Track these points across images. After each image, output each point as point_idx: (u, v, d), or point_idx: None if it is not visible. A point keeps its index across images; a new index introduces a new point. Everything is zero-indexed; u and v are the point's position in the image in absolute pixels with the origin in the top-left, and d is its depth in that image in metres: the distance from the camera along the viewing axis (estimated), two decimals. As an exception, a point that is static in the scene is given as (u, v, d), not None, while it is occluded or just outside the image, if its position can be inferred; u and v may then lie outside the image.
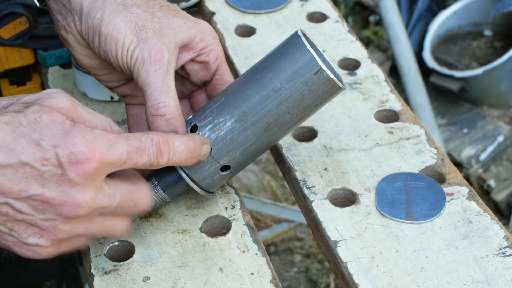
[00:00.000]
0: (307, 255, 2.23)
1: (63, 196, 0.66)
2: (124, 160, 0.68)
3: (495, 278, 0.72)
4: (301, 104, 0.73)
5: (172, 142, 0.71)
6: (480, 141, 2.50)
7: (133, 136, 0.69)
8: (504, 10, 2.71)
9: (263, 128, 0.74)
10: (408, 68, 2.51)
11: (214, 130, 0.75)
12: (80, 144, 0.65)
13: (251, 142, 0.75)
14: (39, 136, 0.65)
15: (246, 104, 0.74)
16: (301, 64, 0.72)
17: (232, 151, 0.75)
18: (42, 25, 1.00)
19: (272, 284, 0.73)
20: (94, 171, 0.66)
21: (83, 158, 0.65)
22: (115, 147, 0.67)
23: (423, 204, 0.79)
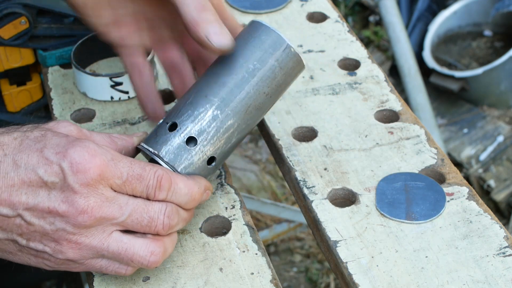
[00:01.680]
0: (307, 255, 2.23)
1: (67, 204, 0.66)
2: (123, 180, 0.68)
3: (495, 278, 0.72)
4: (274, 82, 0.76)
5: (176, 181, 0.71)
6: (480, 141, 2.50)
7: (137, 162, 0.69)
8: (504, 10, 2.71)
9: (243, 112, 0.75)
10: (408, 68, 2.51)
11: (196, 122, 0.74)
12: (82, 153, 0.66)
13: (234, 128, 0.75)
14: (43, 145, 0.67)
15: (223, 90, 0.75)
16: (269, 43, 0.76)
17: (217, 140, 0.75)
18: (42, 25, 1.00)
19: (272, 284, 0.73)
20: (96, 180, 0.66)
21: (85, 167, 0.66)
22: (117, 164, 0.68)
23: (423, 204, 0.79)
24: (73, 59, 0.97)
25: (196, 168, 0.74)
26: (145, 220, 0.69)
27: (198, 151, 0.74)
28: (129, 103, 0.96)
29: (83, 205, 0.66)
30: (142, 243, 0.70)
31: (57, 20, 1.01)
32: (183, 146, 0.74)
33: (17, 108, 1.08)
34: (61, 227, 0.67)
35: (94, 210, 0.66)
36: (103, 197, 0.67)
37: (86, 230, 0.67)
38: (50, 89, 0.99)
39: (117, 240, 0.69)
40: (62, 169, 0.66)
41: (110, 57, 1.03)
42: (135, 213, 0.69)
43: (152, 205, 0.70)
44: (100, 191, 0.67)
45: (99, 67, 1.02)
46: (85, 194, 0.66)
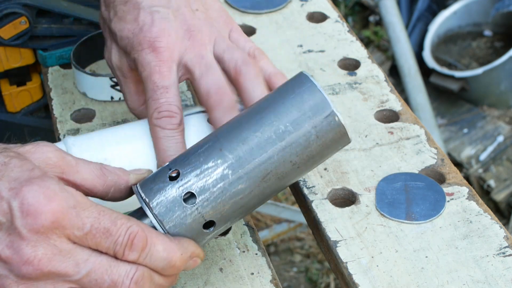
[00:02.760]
0: (307, 255, 2.23)
1: (11, 250, 0.57)
2: (84, 232, 0.58)
3: (495, 278, 0.72)
4: (306, 152, 0.65)
5: (153, 242, 0.61)
6: (480, 141, 2.50)
7: (108, 214, 0.60)
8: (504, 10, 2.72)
9: (260, 178, 0.64)
10: (408, 68, 2.52)
11: (201, 177, 0.63)
12: (38, 194, 0.57)
13: (244, 194, 0.64)
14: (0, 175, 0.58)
15: (242, 147, 0.64)
16: (310, 105, 0.64)
17: (221, 203, 0.64)
18: (42, 25, 1.00)
19: (272, 284, 0.73)
20: (48, 228, 0.57)
21: (36, 210, 0.57)
22: (80, 213, 0.58)
23: (423, 204, 0.79)
24: (73, 59, 0.97)
25: (188, 230, 0.64)
26: (106, 283, 0.59)
27: (195, 211, 0.63)
28: (129, 103, 0.96)
29: (29, 254, 0.57)
30: None
31: (57, 20, 1.01)
32: (178, 202, 0.63)
33: (17, 108, 1.08)
34: (3, 274, 0.58)
35: (42, 263, 0.57)
36: (56, 249, 0.58)
37: (31, 283, 0.58)
38: (50, 89, 0.99)
39: None
40: (11, 209, 0.57)
41: (110, 57, 1.03)
42: (94, 273, 0.59)
43: (118, 266, 0.60)
44: (52, 242, 0.57)
45: (99, 67, 1.02)
46: (34, 242, 0.57)
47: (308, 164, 0.66)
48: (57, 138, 0.91)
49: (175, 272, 0.63)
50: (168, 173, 0.64)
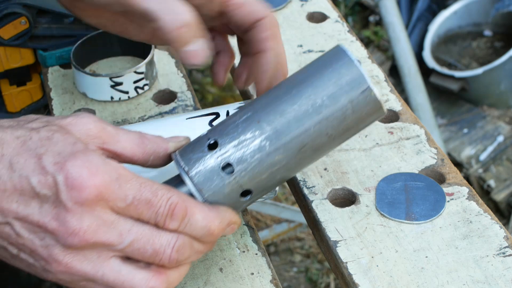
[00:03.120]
0: (307, 255, 2.23)
1: (58, 222, 0.59)
2: (127, 204, 0.60)
3: (495, 278, 0.72)
4: (342, 125, 0.66)
5: (193, 212, 0.62)
6: (480, 141, 2.50)
7: (149, 185, 0.61)
8: (504, 10, 2.72)
9: (296, 150, 0.66)
10: (408, 68, 2.51)
11: (239, 148, 0.65)
12: (81, 169, 0.59)
13: (281, 164, 0.66)
14: (44, 151, 0.60)
15: (280, 120, 0.65)
16: (347, 80, 0.65)
17: (258, 173, 0.65)
18: (42, 25, 1.00)
19: (272, 284, 0.73)
20: (93, 201, 0.59)
21: (81, 184, 0.59)
22: (122, 185, 0.60)
23: (423, 204, 0.79)
24: (73, 59, 0.97)
25: (226, 199, 0.66)
26: (149, 252, 0.62)
27: (233, 181, 0.65)
28: (129, 103, 0.96)
29: (75, 226, 0.59)
30: (143, 278, 0.62)
31: (57, 20, 1.01)
32: (217, 172, 0.65)
33: (17, 108, 1.08)
34: (51, 245, 0.60)
35: (87, 234, 0.59)
36: (100, 220, 0.60)
37: (77, 252, 0.60)
38: (50, 89, 0.99)
39: (115, 270, 0.62)
40: (56, 183, 0.59)
41: (110, 57, 1.03)
42: (137, 242, 0.61)
43: (160, 236, 0.62)
44: (96, 213, 0.60)
45: (99, 67, 1.02)
46: (79, 214, 0.59)
47: (344, 136, 0.67)
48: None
49: (214, 239, 0.65)
50: (207, 143, 0.66)
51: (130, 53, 1.03)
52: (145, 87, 0.97)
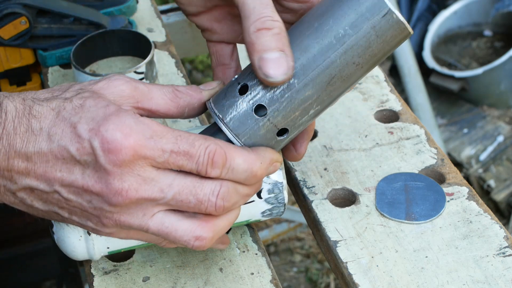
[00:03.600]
0: (307, 255, 2.23)
1: (101, 184, 0.62)
2: (165, 158, 0.62)
3: (495, 278, 0.72)
4: (367, 52, 0.65)
5: (232, 156, 0.63)
6: (480, 141, 2.50)
7: (185, 137, 0.62)
8: (504, 10, 2.72)
9: (325, 83, 0.65)
10: (408, 68, 2.51)
11: (268, 89, 0.65)
12: (115, 131, 0.61)
13: (312, 99, 0.66)
14: (78, 119, 0.62)
15: (305, 56, 0.65)
16: (367, 6, 0.64)
17: (290, 111, 0.66)
18: (42, 25, 1.00)
19: (272, 284, 0.73)
20: (130, 161, 0.61)
21: (116, 147, 0.60)
22: (157, 141, 0.62)
23: (423, 204, 0.79)
24: (73, 59, 0.97)
25: (263, 141, 0.67)
26: (192, 203, 0.63)
27: (267, 122, 0.66)
28: (129, 103, 0.96)
29: (118, 186, 0.61)
30: (187, 228, 0.64)
31: (57, 20, 1.01)
32: (250, 115, 0.66)
33: (17, 108, 1.08)
34: (98, 206, 0.63)
35: (130, 193, 0.62)
36: (140, 178, 0.62)
37: (124, 209, 0.63)
38: (50, 89, 0.99)
39: (159, 223, 0.64)
40: (93, 148, 0.61)
41: (110, 57, 1.03)
42: (179, 195, 0.63)
43: (203, 186, 0.63)
44: (136, 172, 0.61)
45: (99, 67, 1.02)
46: (119, 175, 0.61)
47: (371, 62, 0.67)
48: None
49: (258, 181, 0.66)
50: (238, 88, 0.67)
51: (130, 53, 1.03)
52: (145, 87, 0.97)
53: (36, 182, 0.64)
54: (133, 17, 1.09)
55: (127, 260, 0.76)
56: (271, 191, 0.71)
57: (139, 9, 1.12)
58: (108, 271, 0.75)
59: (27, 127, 0.63)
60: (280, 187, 0.71)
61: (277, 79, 0.64)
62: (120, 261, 0.76)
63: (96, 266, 0.76)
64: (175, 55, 1.03)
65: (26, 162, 0.63)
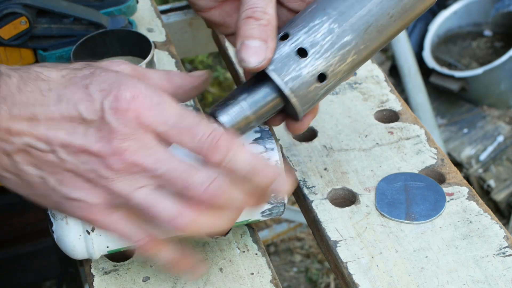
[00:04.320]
0: (307, 255, 2.23)
1: (101, 143, 0.62)
2: (168, 128, 0.61)
3: (495, 278, 0.72)
4: (400, 5, 0.70)
5: (237, 148, 0.62)
6: (480, 141, 2.50)
7: (192, 115, 0.62)
8: (504, 10, 2.72)
9: (363, 30, 0.70)
10: (408, 68, 2.51)
11: (310, 33, 0.69)
12: (126, 92, 0.61)
13: (350, 46, 0.70)
14: (89, 82, 0.63)
15: (344, 4, 0.69)
16: None
17: (330, 55, 0.69)
18: (42, 25, 1.00)
19: (272, 284, 0.73)
20: (136, 123, 0.61)
21: (123, 106, 0.61)
22: (165, 109, 0.62)
23: (423, 204, 0.79)
24: (73, 59, 0.97)
25: (304, 83, 0.69)
26: (180, 185, 0.62)
27: (309, 64, 0.68)
28: (129, 103, 0.96)
29: (117, 146, 0.61)
30: (170, 204, 0.63)
31: (57, 20, 1.01)
32: (292, 56, 0.68)
33: (17, 108, 1.08)
34: (94, 168, 0.62)
35: (127, 154, 0.61)
36: (140, 143, 0.61)
37: (117, 175, 0.62)
38: (50, 89, 0.99)
39: (144, 195, 0.63)
40: (102, 107, 0.61)
41: (110, 57, 1.03)
42: (172, 172, 0.62)
43: (199, 171, 0.62)
44: (138, 136, 0.61)
45: (99, 67, 1.02)
46: (122, 135, 0.61)
47: (403, 17, 0.71)
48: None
49: (258, 184, 0.63)
50: (279, 36, 0.70)
51: (130, 53, 1.03)
52: (145, 87, 0.97)
53: (36, 141, 0.63)
54: (133, 17, 1.09)
55: (127, 260, 0.76)
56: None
57: (139, 9, 1.12)
58: (108, 271, 0.75)
59: (34, 88, 0.63)
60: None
61: (250, 65, 0.67)
62: (120, 261, 0.76)
63: (96, 266, 0.76)
64: (175, 55, 1.03)
65: (29, 122, 0.62)
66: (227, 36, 0.80)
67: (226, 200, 0.63)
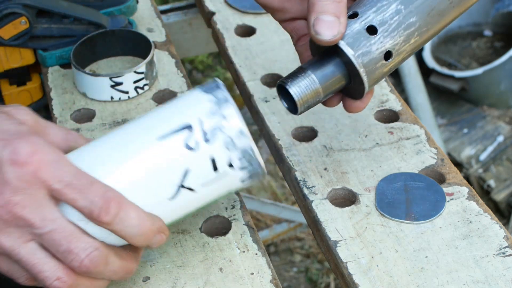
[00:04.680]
0: (307, 255, 2.23)
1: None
2: (64, 185, 0.62)
3: (495, 278, 0.72)
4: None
5: (127, 208, 0.63)
6: (480, 141, 2.50)
7: (86, 176, 0.63)
8: (504, 10, 2.72)
9: (426, 13, 0.74)
10: (408, 68, 2.51)
11: (378, 12, 0.73)
12: (26, 146, 0.62)
13: (415, 27, 0.74)
14: None
15: None
16: None
17: (397, 34, 0.73)
18: (42, 25, 1.00)
19: (272, 284, 0.73)
20: (30, 177, 0.61)
21: (21, 159, 0.61)
22: (61, 167, 0.63)
23: (423, 204, 0.79)
24: (73, 59, 0.97)
25: (372, 58, 0.73)
26: (63, 248, 0.63)
27: (377, 41, 0.72)
28: (129, 103, 0.96)
29: (8, 198, 0.61)
30: (53, 266, 0.63)
31: (57, 20, 1.01)
32: (363, 32, 0.72)
33: (17, 108, 1.08)
34: None
35: (16, 207, 0.62)
36: (32, 198, 0.62)
37: (3, 226, 0.62)
38: (50, 89, 0.99)
39: (31, 251, 0.63)
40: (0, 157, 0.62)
41: (110, 57, 1.03)
42: (56, 234, 0.63)
43: (81, 238, 0.63)
44: (31, 191, 0.62)
45: (99, 67, 1.02)
46: (15, 188, 0.61)
47: (461, 3, 0.75)
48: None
49: (143, 243, 0.65)
50: (347, 15, 0.73)
51: (130, 53, 1.03)
52: (145, 87, 0.97)
53: None
54: (133, 17, 1.09)
55: (127, 260, 0.76)
56: (242, 157, 0.68)
57: (139, 9, 1.12)
58: (108, 271, 0.75)
59: None
60: (249, 151, 0.68)
61: (325, 38, 0.70)
62: (120, 261, 0.76)
63: (96, 266, 0.76)
64: (175, 55, 1.03)
65: None
66: (283, 22, 0.80)
67: (103, 271, 0.64)
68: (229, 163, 0.68)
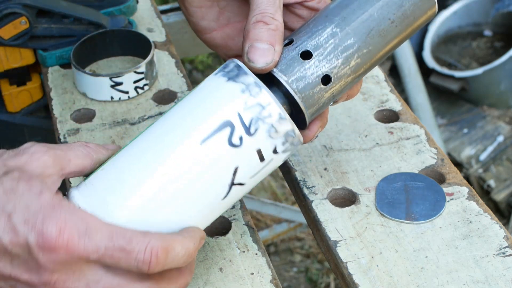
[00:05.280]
0: (307, 255, 2.23)
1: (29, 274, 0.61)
2: (100, 255, 0.61)
3: (495, 278, 0.72)
4: (400, 10, 0.72)
5: (173, 248, 0.62)
6: (480, 141, 2.50)
7: (121, 233, 0.61)
8: (504, 10, 2.72)
9: (365, 34, 0.71)
10: (408, 68, 2.51)
11: (313, 37, 0.71)
12: (51, 227, 0.60)
13: (353, 49, 0.71)
14: (12, 208, 0.61)
15: (345, 10, 0.72)
16: None
17: (334, 57, 0.71)
18: (42, 25, 1.00)
19: (272, 284, 0.73)
20: (63, 259, 0.60)
21: (50, 244, 0.60)
22: (93, 237, 0.61)
23: (423, 204, 0.79)
24: (73, 59, 0.97)
25: (308, 83, 0.70)
26: None
27: (312, 65, 0.70)
28: (129, 103, 0.96)
29: (46, 278, 0.61)
30: None
31: (57, 20, 1.01)
32: (296, 58, 0.70)
33: (17, 109, 1.08)
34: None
35: (57, 284, 0.61)
36: (70, 271, 0.61)
37: None
38: (50, 89, 0.99)
39: None
40: (28, 244, 0.60)
41: (110, 57, 1.03)
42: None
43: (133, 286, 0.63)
44: (68, 267, 0.61)
45: (99, 67, 1.02)
46: (51, 269, 0.61)
47: (403, 23, 0.73)
48: (57, 138, 0.91)
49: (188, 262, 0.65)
50: (284, 43, 0.72)
51: (130, 53, 1.03)
52: (145, 87, 0.97)
53: None
54: (133, 17, 1.09)
55: (127, 260, 0.76)
56: (285, 141, 0.68)
57: (139, 9, 1.12)
58: (108, 271, 0.75)
59: None
60: (291, 133, 0.68)
61: (258, 66, 0.69)
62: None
63: (96, 266, 0.76)
64: (175, 55, 1.03)
65: None
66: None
67: None
68: (274, 150, 0.67)
